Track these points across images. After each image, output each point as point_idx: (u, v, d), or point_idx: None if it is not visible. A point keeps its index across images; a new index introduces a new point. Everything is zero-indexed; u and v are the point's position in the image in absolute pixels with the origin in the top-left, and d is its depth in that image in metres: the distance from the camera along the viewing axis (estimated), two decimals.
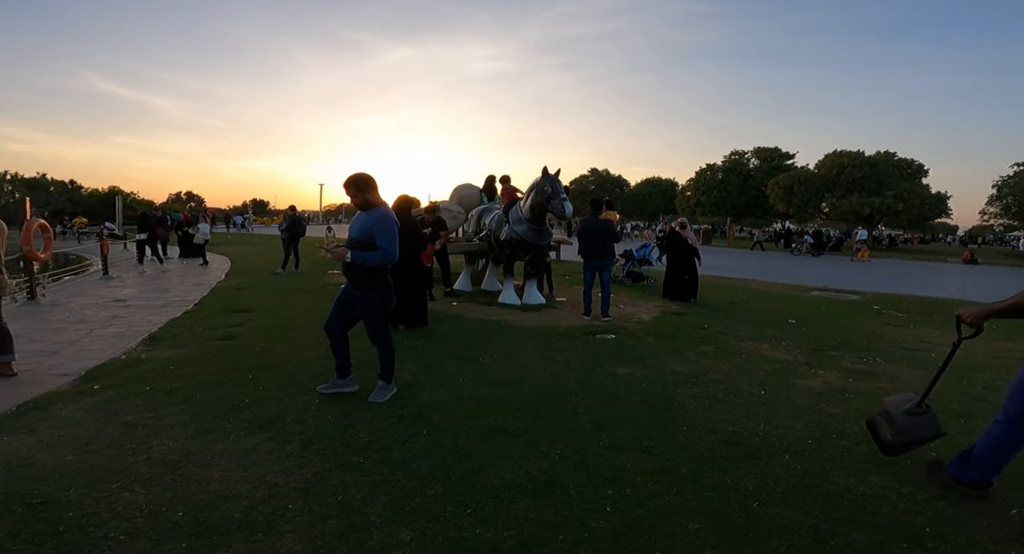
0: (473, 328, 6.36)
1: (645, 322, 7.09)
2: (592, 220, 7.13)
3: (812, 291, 11.55)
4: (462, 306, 7.75)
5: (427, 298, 6.49)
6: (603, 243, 7.05)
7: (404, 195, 6.59)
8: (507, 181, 8.95)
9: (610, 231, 7.09)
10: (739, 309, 8.42)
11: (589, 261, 7.11)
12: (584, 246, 7.10)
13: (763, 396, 4.22)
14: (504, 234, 7.72)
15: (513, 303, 7.76)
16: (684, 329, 6.70)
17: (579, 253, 7.21)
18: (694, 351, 5.61)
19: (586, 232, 7.07)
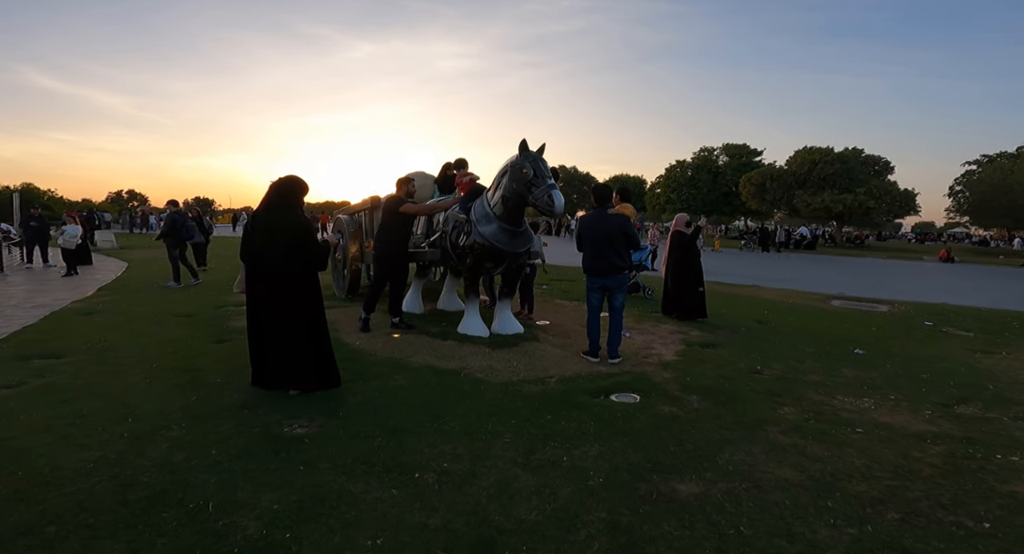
0: (414, 389, 4.03)
1: (671, 363, 4.94)
2: (599, 217, 4.89)
3: (830, 299, 9.79)
4: (405, 341, 5.40)
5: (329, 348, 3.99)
6: (616, 250, 4.82)
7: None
8: (462, 166, 6.50)
9: (625, 232, 4.84)
10: (775, 332, 6.42)
11: (596, 277, 4.87)
12: (589, 255, 4.87)
13: (988, 530, 2.13)
14: (465, 238, 5.43)
15: (479, 335, 5.47)
16: (734, 376, 4.58)
17: (583, 265, 5.00)
18: (778, 425, 3.49)
19: (591, 234, 4.83)
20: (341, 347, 5.06)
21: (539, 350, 5.19)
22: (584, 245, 4.91)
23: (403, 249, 5.71)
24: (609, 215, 4.94)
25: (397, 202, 5.69)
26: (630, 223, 5.04)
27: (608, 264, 4.79)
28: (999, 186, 29.37)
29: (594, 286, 4.93)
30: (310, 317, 3.78)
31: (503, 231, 5.19)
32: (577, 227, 5.13)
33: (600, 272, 4.84)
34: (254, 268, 3.76)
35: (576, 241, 5.04)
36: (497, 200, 5.18)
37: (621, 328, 5.03)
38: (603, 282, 4.87)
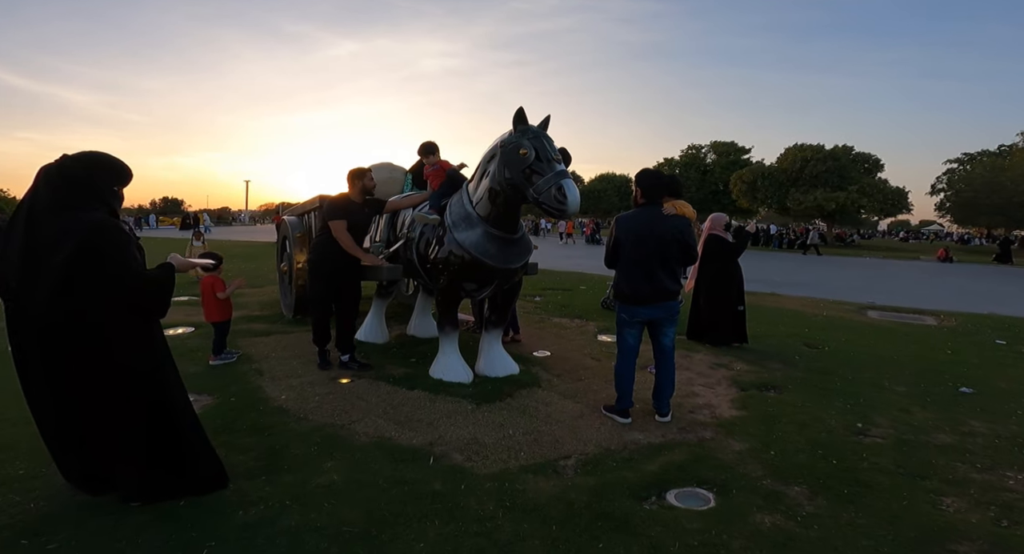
0: (349, 495, 2.49)
1: (734, 422, 3.49)
2: (648, 218, 3.35)
3: (863, 309, 8.51)
4: (355, 392, 3.85)
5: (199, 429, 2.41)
6: (670, 267, 3.36)
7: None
8: (432, 151, 4.71)
9: (684, 242, 3.36)
10: (839, 361, 5.03)
11: (638, 306, 3.37)
12: (630, 273, 3.36)
13: None
14: (436, 248, 3.89)
15: (458, 380, 3.96)
16: (833, 442, 3.16)
17: (617, 289, 3.49)
18: (967, 539, 2.06)
19: (635, 243, 3.33)
20: (256, 405, 3.52)
21: (543, 404, 3.70)
22: (620, 258, 3.38)
23: (350, 261, 4.15)
24: (663, 216, 3.34)
25: (338, 208, 4.12)
26: (691, 229, 3.47)
27: (657, 287, 3.28)
28: (992, 184, 28.88)
29: (633, 319, 3.40)
30: (125, 389, 2.18)
31: (490, 239, 3.67)
32: (612, 232, 3.48)
33: (644, 299, 3.32)
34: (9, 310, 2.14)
35: (609, 252, 3.48)
36: (482, 195, 3.66)
37: (673, 376, 3.56)
38: (648, 314, 3.36)
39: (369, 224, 4.37)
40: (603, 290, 9.27)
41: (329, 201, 4.28)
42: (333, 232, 4.04)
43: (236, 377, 4.06)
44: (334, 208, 4.12)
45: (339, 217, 4.05)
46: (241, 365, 4.33)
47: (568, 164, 3.45)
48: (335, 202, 4.21)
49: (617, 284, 3.46)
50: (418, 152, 4.80)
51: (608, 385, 4.10)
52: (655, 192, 3.42)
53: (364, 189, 4.25)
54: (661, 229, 3.29)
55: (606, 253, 3.50)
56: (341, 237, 4.02)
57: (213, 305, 4.40)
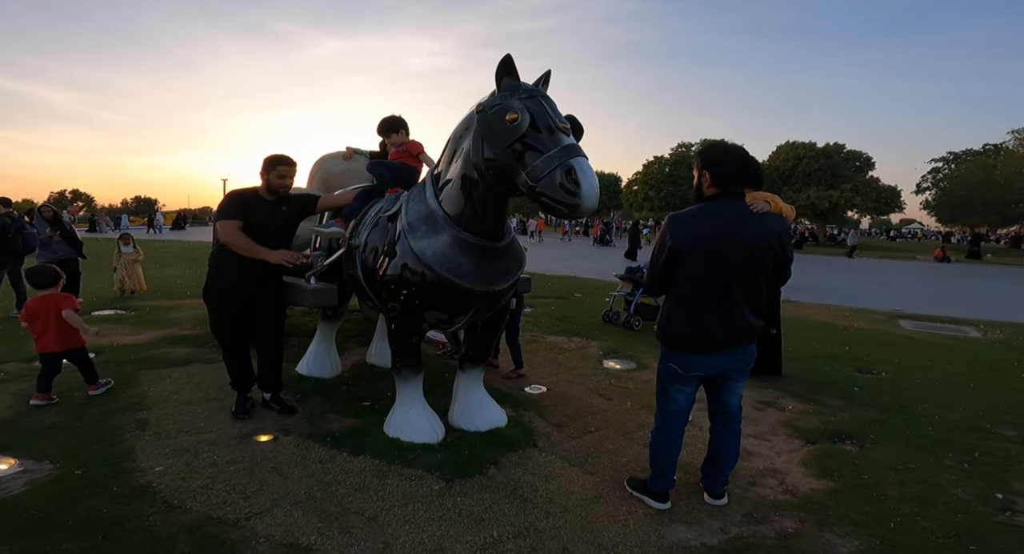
0: None
1: (817, 500, 2.39)
2: (725, 216, 2.11)
3: (893, 318, 7.56)
4: (270, 456, 2.68)
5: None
6: (756, 293, 2.16)
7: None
8: (394, 128, 3.43)
9: (783, 253, 2.16)
10: (907, 392, 3.99)
11: (703, 354, 2.18)
12: (694, 301, 2.14)
13: None
14: (386, 261, 2.72)
15: (424, 440, 2.82)
16: (993, 537, 2.09)
17: (667, 327, 2.22)
18: None
19: (708, 254, 2.08)
20: (113, 481, 2.38)
21: (542, 477, 2.58)
22: (678, 281, 2.18)
23: (260, 274, 2.98)
24: (752, 215, 2.12)
25: (230, 204, 2.95)
26: (789, 233, 2.27)
27: (737, 327, 2.14)
28: (985, 182, 28.52)
29: (689, 373, 2.23)
30: None
31: (462, 249, 2.52)
32: (662, 241, 2.18)
33: (716, 344, 2.14)
34: None
35: (656, 270, 2.22)
36: (452, 185, 2.53)
37: (738, 445, 2.44)
38: (716, 366, 2.21)
39: (288, 226, 3.12)
40: (600, 298, 8.20)
41: (224, 196, 3.10)
42: (220, 236, 2.89)
43: (105, 433, 2.89)
44: (225, 204, 2.96)
45: (229, 216, 2.89)
46: (121, 414, 3.15)
47: (579, 138, 2.32)
48: (229, 196, 3.03)
49: (671, 322, 2.19)
50: (378, 130, 3.52)
51: (627, 439, 3.03)
52: (738, 177, 2.12)
53: (273, 188, 3.00)
54: (750, 235, 2.07)
55: (651, 272, 2.27)
56: (231, 240, 2.87)
57: (68, 328, 3.33)
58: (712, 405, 2.40)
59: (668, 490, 2.39)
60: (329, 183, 4.77)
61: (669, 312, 2.21)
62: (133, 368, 4.01)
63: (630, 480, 2.53)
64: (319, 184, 4.92)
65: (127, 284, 7.55)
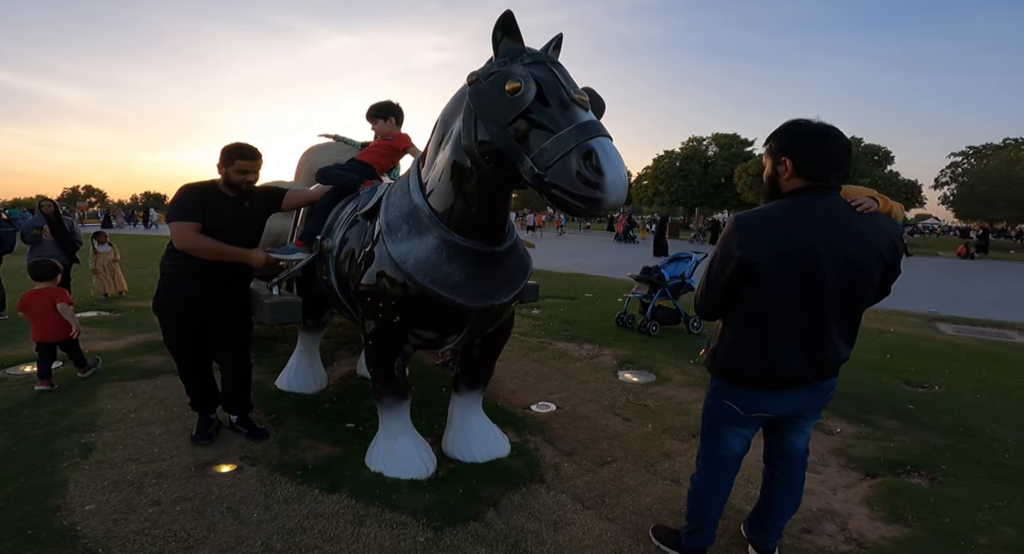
0: None
1: None
2: (818, 216, 1.54)
3: (931, 321, 7.00)
4: (227, 493, 2.25)
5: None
6: (853, 315, 1.66)
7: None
8: (383, 115, 2.93)
9: (893, 264, 1.63)
10: (978, 415, 3.48)
11: (773, 391, 1.67)
12: (770, 329, 1.60)
13: None
14: (363, 266, 2.26)
15: (410, 476, 2.37)
16: None
17: (731, 359, 1.69)
18: None
19: (801, 270, 1.52)
20: (29, 524, 1.96)
21: (550, 525, 2.13)
22: (744, 299, 1.63)
23: (222, 279, 2.54)
24: (853, 215, 1.57)
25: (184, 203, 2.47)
26: (899, 233, 1.68)
27: (822, 359, 1.64)
28: (1007, 177, 27.53)
29: (752, 412, 1.74)
30: None
31: (452, 254, 2.06)
32: (724, 250, 1.62)
33: (795, 382, 1.66)
34: None
35: (714, 288, 1.68)
36: (440, 176, 2.07)
37: (800, 493, 1.97)
38: (789, 406, 1.73)
39: (254, 225, 2.68)
40: (612, 298, 7.73)
41: (176, 192, 2.56)
42: (176, 242, 2.45)
43: (41, 460, 2.48)
44: (177, 202, 2.47)
45: (183, 216, 2.43)
46: (65, 437, 2.73)
47: (600, 113, 1.80)
48: (182, 193, 2.50)
49: (735, 354, 1.69)
50: (367, 115, 3.02)
51: (650, 472, 2.57)
52: (833, 165, 1.58)
53: (230, 182, 2.53)
54: (856, 243, 1.55)
55: (707, 291, 1.71)
56: (190, 245, 2.42)
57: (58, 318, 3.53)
58: (772, 446, 1.92)
59: (707, 547, 1.94)
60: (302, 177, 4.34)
61: (732, 341, 1.69)
62: (97, 380, 3.61)
63: (657, 530, 2.08)
64: (307, 177, 4.48)
65: (108, 287, 6.98)
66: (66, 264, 5.67)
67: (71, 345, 3.64)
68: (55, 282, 3.66)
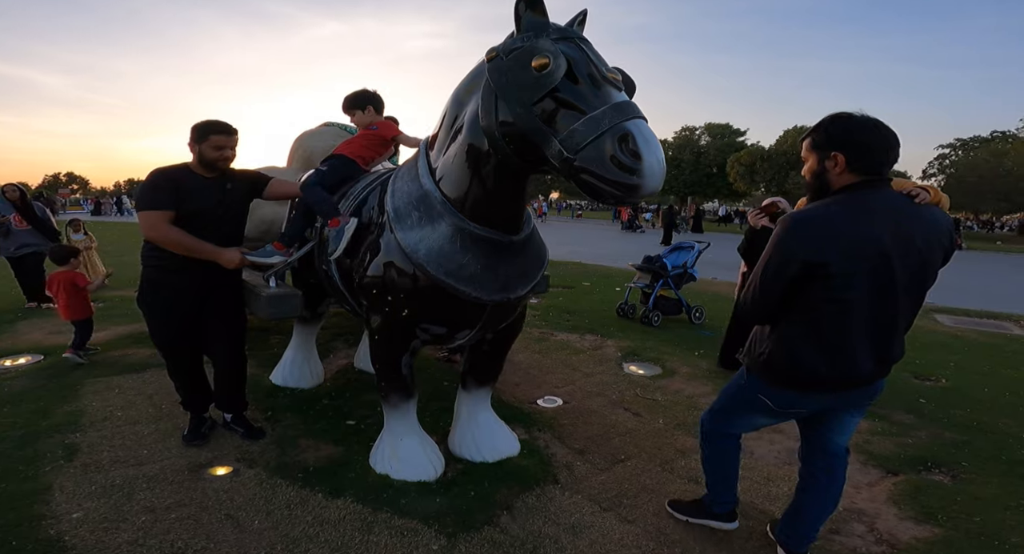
0: None
1: None
2: (881, 209, 1.48)
3: (930, 312, 7.01)
4: (224, 499, 2.12)
5: None
6: (916, 309, 1.60)
7: None
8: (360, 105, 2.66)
9: (948, 253, 1.57)
10: (991, 410, 3.44)
11: (823, 392, 1.62)
12: (834, 332, 1.52)
13: None
14: (369, 256, 2.10)
15: (418, 478, 2.25)
16: None
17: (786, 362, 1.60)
18: None
19: (869, 269, 1.46)
20: (13, 534, 1.80)
21: (568, 528, 2.02)
22: (806, 301, 1.53)
23: (211, 272, 2.33)
24: (915, 207, 1.54)
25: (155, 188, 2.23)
26: (951, 225, 1.63)
27: (890, 358, 1.61)
28: (995, 169, 27.86)
29: (788, 408, 1.71)
30: None
31: (467, 244, 1.92)
32: (789, 249, 1.51)
33: (865, 378, 1.60)
34: None
35: (769, 293, 1.57)
36: (453, 160, 1.91)
37: (839, 495, 1.86)
38: (833, 402, 1.67)
39: (237, 210, 2.44)
40: (610, 288, 7.63)
41: (146, 177, 2.30)
42: (145, 233, 2.25)
43: (23, 462, 2.33)
44: (147, 188, 2.24)
45: (155, 204, 2.20)
46: (48, 437, 2.57)
47: (632, 93, 1.70)
48: (153, 178, 2.26)
49: (798, 357, 1.59)
50: (343, 108, 2.73)
51: (667, 470, 2.49)
52: (888, 157, 1.52)
53: (205, 160, 2.30)
54: (921, 237, 1.50)
55: (760, 294, 1.59)
56: (161, 237, 2.21)
57: (78, 298, 3.85)
58: (812, 443, 1.84)
59: (735, 507, 2.06)
60: (311, 162, 4.11)
61: (794, 345, 1.59)
62: (80, 375, 3.44)
63: (676, 504, 2.14)
64: (301, 164, 4.28)
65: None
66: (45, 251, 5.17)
67: (83, 325, 3.82)
68: (73, 265, 3.93)
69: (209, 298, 2.40)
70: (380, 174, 2.44)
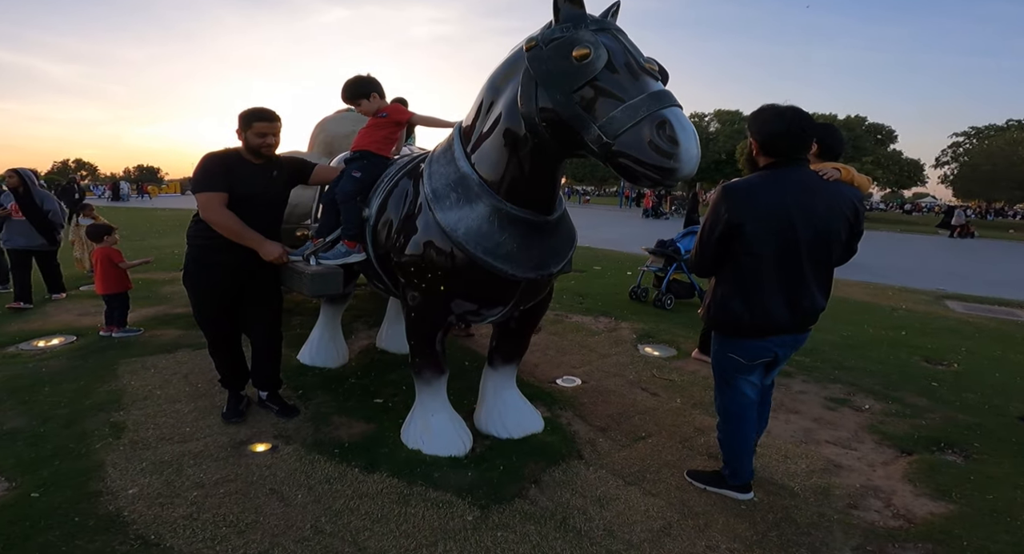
0: None
1: (949, 530, 1.91)
2: (793, 185, 1.87)
3: (940, 299, 7.03)
4: (267, 474, 2.23)
5: None
6: (828, 271, 2.00)
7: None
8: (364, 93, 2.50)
9: (856, 225, 1.98)
10: (1002, 394, 3.50)
11: (764, 337, 2.00)
12: (758, 282, 1.91)
13: None
14: (403, 236, 2.18)
15: (449, 453, 2.35)
16: None
17: (725, 313, 1.99)
18: None
19: (778, 230, 1.86)
20: (74, 508, 1.95)
21: (595, 501, 2.12)
22: (736, 260, 1.94)
23: (250, 256, 2.42)
24: (822, 183, 1.95)
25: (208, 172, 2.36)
26: (863, 203, 2.08)
27: (805, 308, 1.97)
28: (1011, 157, 27.45)
29: (754, 361, 2.05)
30: None
31: (505, 224, 2.01)
32: (715, 215, 1.93)
33: (783, 326, 1.97)
34: None
35: (707, 248, 1.97)
36: (491, 143, 1.97)
37: (768, 417, 2.40)
38: (779, 348, 2.04)
39: (281, 196, 2.57)
40: (620, 271, 7.70)
41: (200, 161, 2.41)
42: (203, 214, 2.35)
43: (71, 440, 2.44)
44: (203, 172, 2.36)
45: (209, 187, 2.32)
46: (93, 416, 2.69)
47: (665, 81, 1.76)
48: (208, 161, 2.38)
49: (726, 307, 1.98)
50: (343, 97, 2.56)
51: (687, 447, 2.60)
52: (791, 142, 1.89)
53: (251, 147, 2.40)
54: (822, 206, 1.89)
55: (701, 250, 2.00)
56: (217, 220, 2.32)
57: (112, 274, 4.05)
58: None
59: (751, 480, 2.20)
60: (333, 147, 4.19)
61: (723, 296, 1.99)
62: (114, 355, 3.56)
63: (694, 474, 2.30)
64: (322, 148, 4.34)
65: (87, 263, 6.22)
66: (35, 248, 4.88)
67: (115, 301, 4.01)
68: (109, 242, 4.15)
69: (251, 278, 2.49)
70: (411, 159, 2.49)
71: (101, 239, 4.15)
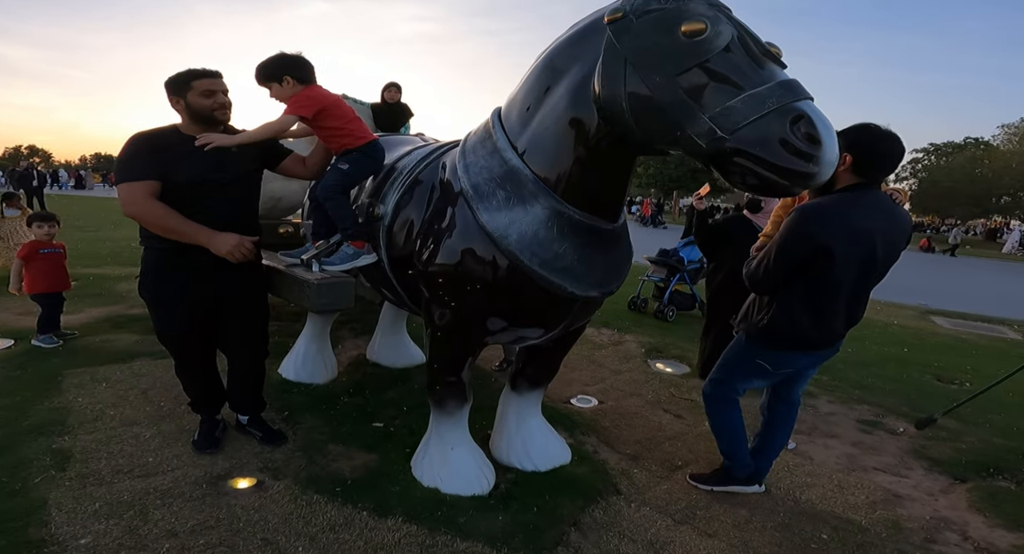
0: None
1: None
2: (876, 210, 1.81)
3: (926, 314, 7.11)
4: (253, 518, 1.84)
5: None
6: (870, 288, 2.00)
7: None
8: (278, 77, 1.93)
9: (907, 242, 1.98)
10: None
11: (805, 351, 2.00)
12: (828, 301, 1.87)
13: None
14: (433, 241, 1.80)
15: (471, 492, 2.00)
16: None
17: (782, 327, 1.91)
18: None
19: (865, 254, 1.81)
20: None
21: (647, 545, 1.82)
22: (814, 276, 1.84)
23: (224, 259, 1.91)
24: (893, 205, 1.92)
25: (133, 156, 1.84)
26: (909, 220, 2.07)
27: (853, 324, 2.01)
28: (970, 174, 28.97)
29: (780, 369, 2.05)
30: None
31: (563, 230, 1.65)
32: (802, 233, 1.79)
33: (835, 340, 2.02)
34: None
35: (783, 264, 1.84)
36: (549, 133, 1.62)
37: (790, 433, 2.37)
38: (811, 362, 2.10)
39: (247, 179, 2.03)
40: None
41: (126, 143, 1.88)
42: (124, 209, 1.84)
43: (3, 473, 1.98)
44: (128, 156, 1.84)
45: (131, 176, 1.81)
46: (32, 440, 2.21)
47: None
48: (133, 143, 1.86)
49: (794, 320, 1.90)
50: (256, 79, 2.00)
51: None
52: (889, 166, 1.87)
53: (197, 114, 1.88)
54: (898, 232, 1.89)
55: (772, 270, 1.87)
56: (142, 214, 1.82)
57: (37, 270, 3.46)
58: (779, 395, 2.22)
59: (754, 471, 2.22)
60: None
61: (791, 310, 1.91)
62: (58, 364, 3.04)
63: (697, 477, 2.26)
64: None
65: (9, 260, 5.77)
66: None
67: (42, 299, 3.44)
68: (40, 234, 3.59)
69: (225, 284, 2.01)
70: (432, 150, 2.13)
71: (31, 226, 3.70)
